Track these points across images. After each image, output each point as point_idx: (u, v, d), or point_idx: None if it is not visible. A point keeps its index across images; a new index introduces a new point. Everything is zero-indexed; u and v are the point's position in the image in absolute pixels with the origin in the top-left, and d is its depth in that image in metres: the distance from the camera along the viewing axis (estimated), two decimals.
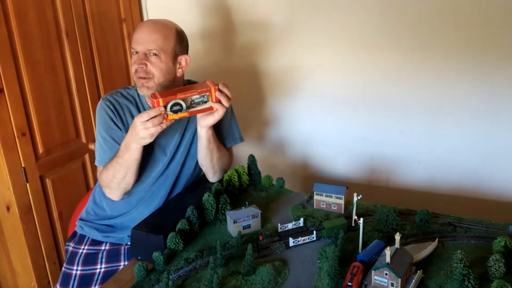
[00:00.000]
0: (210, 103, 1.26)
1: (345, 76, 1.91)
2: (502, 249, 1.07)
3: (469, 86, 1.71)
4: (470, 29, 1.65)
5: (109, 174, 1.34)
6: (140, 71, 1.35)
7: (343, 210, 1.36)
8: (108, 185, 1.37)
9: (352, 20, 1.82)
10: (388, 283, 0.95)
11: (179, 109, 1.22)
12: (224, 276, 1.07)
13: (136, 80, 1.38)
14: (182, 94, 1.22)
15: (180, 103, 1.22)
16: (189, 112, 1.24)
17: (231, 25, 2.05)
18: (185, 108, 1.23)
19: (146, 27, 1.38)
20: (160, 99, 1.19)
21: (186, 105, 1.23)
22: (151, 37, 1.35)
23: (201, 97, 1.24)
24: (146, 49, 1.35)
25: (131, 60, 1.40)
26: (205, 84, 1.28)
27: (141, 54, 1.35)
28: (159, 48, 1.35)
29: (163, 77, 1.37)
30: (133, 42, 1.37)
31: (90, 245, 1.47)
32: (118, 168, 1.32)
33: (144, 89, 1.37)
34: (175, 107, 1.21)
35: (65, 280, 1.40)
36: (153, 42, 1.34)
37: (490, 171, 1.77)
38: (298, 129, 2.09)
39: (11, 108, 1.57)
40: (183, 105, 1.22)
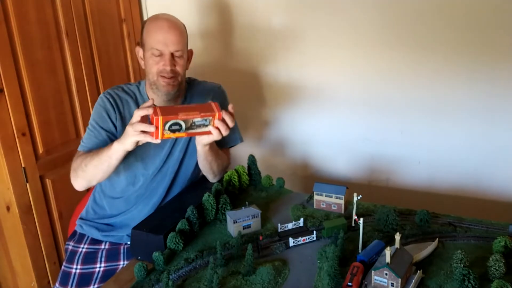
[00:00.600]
0: (210, 127, 1.20)
1: (345, 76, 1.91)
2: (502, 249, 1.07)
3: (469, 86, 1.71)
4: (470, 29, 1.65)
5: (83, 161, 1.32)
6: (169, 72, 1.37)
7: (343, 210, 1.36)
8: (75, 169, 1.35)
9: (352, 20, 1.82)
10: (388, 283, 0.95)
11: (178, 129, 1.16)
12: (224, 276, 1.07)
13: (159, 79, 1.39)
14: (184, 115, 1.15)
15: (180, 124, 1.15)
16: (187, 133, 1.17)
17: (231, 25, 2.05)
18: (184, 128, 1.16)
19: (168, 27, 1.38)
20: (160, 117, 1.12)
21: (186, 126, 1.16)
22: (177, 38, 1.38)
23: (203, 121, 1.18)
24: (174, 50, 1.37)
25: (150, 59, 1.39)
26: (209, 107, 1.20)
27: (168, 55, 1.37)
28: (183, 48, 1.40)
29: (184, 73, 1.43)
30: (155, 43, 1.37)
31: (90, 244, 1.47)
32: (93, 158, 1.29)
33: (170, 88, 1.40)
34: (174, 127, 1.15)
35: (65, 278, 1.40)
36: (179, 44, 1.38)
37: (490, 171, 1.77)
38: (298, 129, 2.09)
39: (11, 108, 1.57)
40: (183, 125, 1.16)
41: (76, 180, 1.36)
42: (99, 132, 1.40)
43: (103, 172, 1.31)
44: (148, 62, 1.41)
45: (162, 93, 1.41)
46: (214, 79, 1.67)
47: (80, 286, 1.38)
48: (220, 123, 1.20)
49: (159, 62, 1.38)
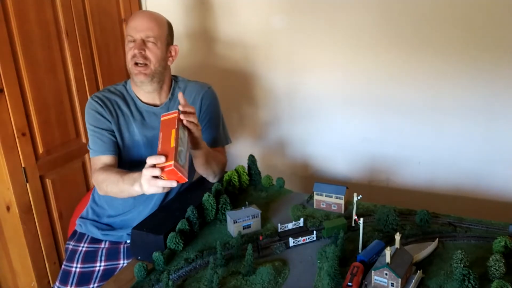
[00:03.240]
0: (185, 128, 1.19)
1: (345, 76, 1.91)
2: (502, 249, 1.07)
3: (469, 86, 1.71)
4: (470, 29, 1.65)
5: (106, 182, 1.33)
6: (138, 56, 1.38)
7: (343, 210, 1.36)
8: (99, 185, 1.37)
9: (352, 20, 1.82)
10: (388, 283, 0.95)
11: (183, 151, 1.13)
12: (224, 276, 1.07)
13: (132, 67, 1.40)
14: (172, 141, 1.09)
15: (181, 148, 1.12)
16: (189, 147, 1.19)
17: (231, 25, 2.05)
18: (186, 147, 1.15)
19: (142, 15, 1.42)
20: (172, 162, 1.05)
21: (184, 146, 1.15)
22: (149, 24, 1.40)
23: (179, 130, 1.14)
24: (145, 35, 1.39)
25: (126, 48, 1.42)
26: (168, 120, 1.17)
27: (139, 41, 1.39)
28: (156, 36, 1.41)
29: (158, 63, 1.42)
30: (129, 30, 1.40)
31: (90, 243, 1.48)
32: (116, 185, 1.29)
33: (141, 76, 1.40)
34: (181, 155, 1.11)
35: (65, 277, 1.41)
36: (150, 30, 1.39)
37: (490, 171, 1.78)
38: (298, 129, 2.09)
39: (11, 108, 1.57)
40: (184, 147, 1.14)
41: (100, 192, 1.40)
42: (101, 134, 1.41)
43: (122, 198, 1.37)
44: (126, 52, 1.44)
45: (138, 83, 1.43)
46: (214, 80, 1.67)
47: (80, 284, 1.38)
48: (184, 115, 1.19)
49: (132, 49, 1.40)
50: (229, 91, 2.12)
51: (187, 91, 1.53)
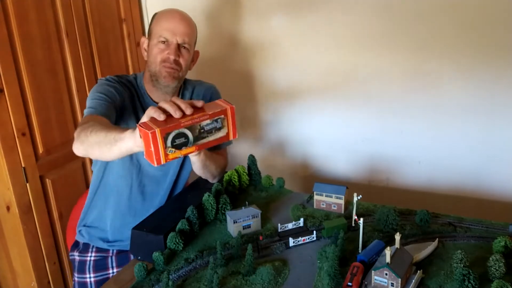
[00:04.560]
0: (225, 130, 0.91)
1: (345, 76, 1.91)
2: (502, 249, 1.07)
3: (469, 86, 1.71)
4: (470, 29, 1.65)
5: (93, 126, 1.09)
6: (172, 63, 1.33)
7: (343, 210, 1.36)
8: (80, 132, 1.12)
9: (352, 20, 1.82)
10: (388, 283, 0.95)
11: (184, 143, 0.86)
12: (224, 276, 1.07)
13: (162, 68, 1.34)
14: (187, 120, 0.85)
15: (186, 134, 0.86)
16: (197, 146, 0.88)
17: (232, 25, 2.05)
18: (192, 140, 0.87)
19: (180, 17, 1.36)
20: (156, 129, 0.82)
21: (194, 136, 0.87)
22: (186, 29, 1.35)
23: (213, 123, 0.88)
24: (181, 40, 1.34)
25: (154, 47, 1.35)
26: (216, 105, 0.93)
27: (175, 45, 1.33)
28: (191, 41, 1.37)
29: (185, 71, 1.39)
30: (163, 30, 1.33)
31: (97, 252, 1.46)
32: (101, 130, 1.05)
33: (169, 79, 1.36)
34: (178, 140, 0.85)
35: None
36: (187, 35, 1.35)
37: (490, 171, 1.77)
38: (298, 129, 2.09)
39: (11, 108, 1.57)
40: (190, 136, 0.87)
41: (76, 142, 1.13)
42: (105, 100, 1.28)
43: (100, 152, 1.06)
44: (152, 51, 1.36)
45: (161, 86, 1.38)
46: (214, 79, 1.67)
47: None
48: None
49: (164, 51, 1.33)
50: (229, 91, 2.12)
51: (196, 91, 1.53)
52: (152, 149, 0.82)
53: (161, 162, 0.84)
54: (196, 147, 0.88)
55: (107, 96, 1.29)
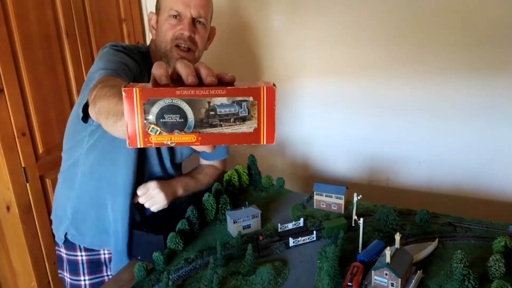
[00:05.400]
0: (254, 124, 0.55)
1: (345, 76, 1.91)
2: (502, 249, 1.07)
3: (469, 86, 1.71)
4: (470, 29, 1.65)
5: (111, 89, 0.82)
6: (187, 40, 1.14)
7: (343, 210, 1.36)
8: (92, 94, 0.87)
9: (352, 20, 1.82)
10: (388, 283, 0.95)
11: (179, 124, 0.54)
12: (224, 276, 1.07)
13: (173, 50, 1.16)
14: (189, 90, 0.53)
15: (183, 110, 0.53)
16: (201, 136, 0.54)
17: (231, 24, 2.05)
18: (192, 123, 0.54)
19: None
20: (135, 89, 0.52)
21: (197, 118, 0.54)
22: (202, 1, 1.15)
23: (234, 106, 0.54)
24: (197, 14, 1.14)
25: (166, 24, 1.15)
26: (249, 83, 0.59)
27: (189, 19, 1.13)
28: (207, 15, 1.17)
29: (202, 51, 1.20)
30: (176, 3, 1.14)
31: (86, 251, 1.35)
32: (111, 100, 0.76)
33: None
34: (169, 116, 0.53)
35: None
36: (203, 8, 1.15)
37: (490, 171, 1.77)
38: (298, 129, 2.09)
39: (11, 108, 1.57)
40: (189, 115, 0.54)
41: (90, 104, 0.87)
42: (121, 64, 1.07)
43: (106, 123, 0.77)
44: (162, 28, 1.17)
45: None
46: None
47: None
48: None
49: (176, 26, 1.14)
50: None
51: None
52: (127, 120, 0.52)
53: (136, 143, 0.54)
54: (197, 137, 0.54)
55: (125, 63, 1.07)
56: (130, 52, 1.16)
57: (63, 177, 1.35)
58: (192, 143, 0.55)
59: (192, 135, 0.54)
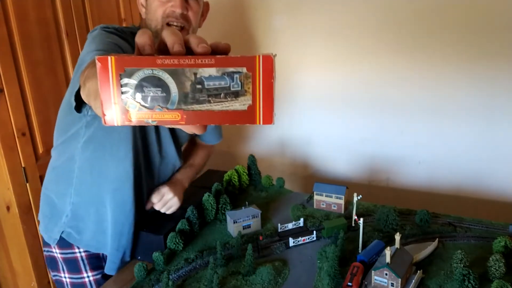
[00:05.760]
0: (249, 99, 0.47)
1: (345, 76, 1.91)
2: (502, 249, 1.07)
3: (469, 86, 1.71)
4: (470, 29, 1.65)
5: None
6: (179, 18, 1.07)
7: (343, 210, 1.36)
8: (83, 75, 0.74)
9: (352, 20, 1.82)
10: (388, 283, 0.95)
11: (161, 98, 0.47)
12: (224, 276, 1.07)
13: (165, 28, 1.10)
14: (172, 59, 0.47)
15: (164, 82, 0.47)
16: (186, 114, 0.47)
17: (231, 24, 2.05)
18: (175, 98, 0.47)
19: None
20: (110, 58, 0.46)
21: (181, 92, 0.47)
22: None
23: (224, 78, 0.47)
24: None
25: (156, 2, 1.10)
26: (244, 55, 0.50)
27: None
28: None
29: (196, 29, 1.13)
30: None
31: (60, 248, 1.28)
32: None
33: None
34: (149, 90, 0.47)
35: None
36: None
37: (490, 171, 1.77)
38: (298, 129, 2.09)
39: (11, 108, 1.57)
40: (173, 89, 0.47)
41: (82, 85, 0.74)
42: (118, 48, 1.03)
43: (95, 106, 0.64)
44: (152, 5, 1.11)
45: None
46: None
47: None
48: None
49: (167, 3, 1.08)
50: None
51: None
52: (101, 94, 0.46)
53: (114, 120, 0.47)
54: (182, 115, 0.47)
55: (118, 45, 1.03)
56: (122, 34, 1.11)
57: (57, 173, 1.25)
58: (176, 121, 0.47)
59: (176, 112, 0.47)
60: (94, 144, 1.14)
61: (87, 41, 1.07)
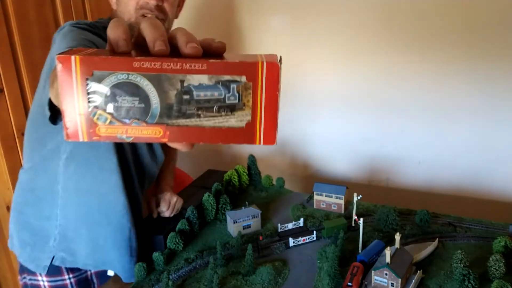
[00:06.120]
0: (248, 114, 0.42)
1: (345, 76, 1.91)
2: (502, 249, 1.07)
3: (469, 86, 1.71)
4: (470, 29, 1.65)
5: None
6: (154, 9, 0.99)
7: (343, 210, 1.36)
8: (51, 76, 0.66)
9: (352, 20, 1.82)
10: (388, 283, 0.95)
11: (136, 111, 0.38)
12: (224, 276, 1.07)
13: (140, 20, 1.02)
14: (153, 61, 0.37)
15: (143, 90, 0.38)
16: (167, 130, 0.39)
17: (231, 25, 2.05)
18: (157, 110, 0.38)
19: None
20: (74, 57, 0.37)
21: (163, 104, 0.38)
22: None
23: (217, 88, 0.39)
24: None
25: None
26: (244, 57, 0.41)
27: None
28: None
29: (172, 21, 1.05)
30: None
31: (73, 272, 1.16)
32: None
33: None
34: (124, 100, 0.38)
35: None
36: None
37: (490, 171, 1.77)
38: (298, 129, 2.09)
39: (11, 108, 1.57)
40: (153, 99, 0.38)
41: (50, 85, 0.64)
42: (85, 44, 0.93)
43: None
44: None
45: None
46: None
47: None
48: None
49: None
50: None
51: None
52: (63, 102, 0.38)
53: (78, 135, 0.39)
54: (165, 131, 0.39)
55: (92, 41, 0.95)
56: (95, 29, 1.02)
57: (36, 196, 1.11)
58: (157, 138, 0.39)
59: (157, 128, 0.39)
60: (78, 160, 1.02)
61: (56, 40, 0.96)
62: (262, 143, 0.41)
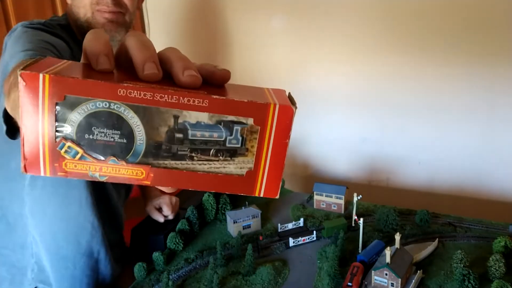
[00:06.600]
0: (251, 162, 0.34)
1: (345, 76, 1.91)
2: (502, 249, 1.07)
3: (469, 86, 1.71)
4: (470, 29, 1.65)
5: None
6: (110, 3, 0.94)
7: (343, 210, 1.36)
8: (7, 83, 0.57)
9: (352, 19, 1.82)
10: (388, 283, 0.95)
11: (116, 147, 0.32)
12: (224, 276, 1.07)
13: (96, 14, 0.95)
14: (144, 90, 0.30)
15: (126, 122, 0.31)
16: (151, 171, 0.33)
17: (231, 25, 2.05)
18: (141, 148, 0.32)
19: None
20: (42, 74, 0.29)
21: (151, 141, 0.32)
22: None
23: (218, 129, 0.33)
24: None
25: None
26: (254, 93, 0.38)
27: None
28: None
29: (134, 13, 1.01)
30: None
31: None
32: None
33: (112, 26, 0.94)
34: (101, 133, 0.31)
35: None
36: None
37: (490, 171, 1.77)
38: (298, 129, 2.08)
39: None
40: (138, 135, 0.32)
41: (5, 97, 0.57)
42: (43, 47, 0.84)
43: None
44: None
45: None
46: None
47: None
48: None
49: None
50: None
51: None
52: (23, 127, 0.31)
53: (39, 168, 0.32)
54: (148, 173, 0.33)
55: (49, 42, 0.86)
56: (51, 28, 0.94)
57: (7, 223, 0.99)
58: (138, 180, 0.33)
59: (139, 168, 0.32)
60: (43, 179, 0.89)
61: (8, 44, 0.87)
62: (262, 195, 0.35)
